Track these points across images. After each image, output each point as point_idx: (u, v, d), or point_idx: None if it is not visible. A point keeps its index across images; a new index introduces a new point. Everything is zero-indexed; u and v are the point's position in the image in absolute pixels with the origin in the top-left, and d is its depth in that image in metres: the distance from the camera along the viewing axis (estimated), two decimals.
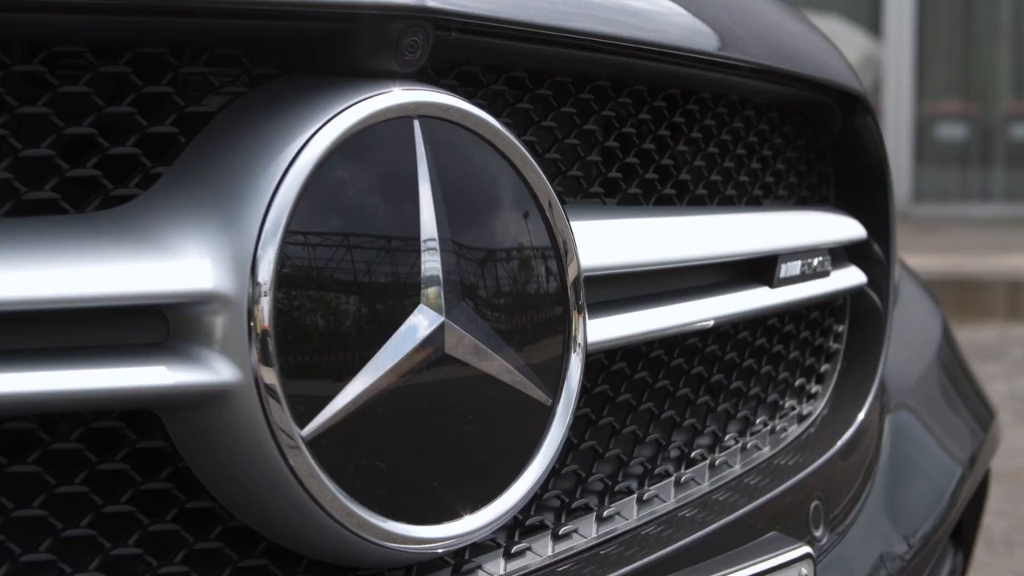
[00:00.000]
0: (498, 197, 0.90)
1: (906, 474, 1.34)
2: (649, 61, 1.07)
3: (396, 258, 0.84)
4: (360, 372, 0.81)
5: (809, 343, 1.29)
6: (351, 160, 0.83)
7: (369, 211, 0.83)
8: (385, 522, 0.83)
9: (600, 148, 1.06)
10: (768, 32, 1.20)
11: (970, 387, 1.67)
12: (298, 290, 0.79)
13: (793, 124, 1.30)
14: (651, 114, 1.11)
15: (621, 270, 0.99)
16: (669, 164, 1.12)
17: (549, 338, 0.91)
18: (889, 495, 1.28)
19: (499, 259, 0.89)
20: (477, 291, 0.87)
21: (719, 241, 1.10)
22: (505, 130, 0.88)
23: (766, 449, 1.17)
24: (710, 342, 1.15)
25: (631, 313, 0.99)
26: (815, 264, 1.21)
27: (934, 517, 1.35)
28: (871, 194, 1.34)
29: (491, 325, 0.88)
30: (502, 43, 0.96)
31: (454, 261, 0.86)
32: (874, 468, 1.27)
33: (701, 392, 1.13)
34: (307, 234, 0.81)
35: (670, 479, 1.06)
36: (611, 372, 1.05)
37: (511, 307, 0.89)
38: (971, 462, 1.47)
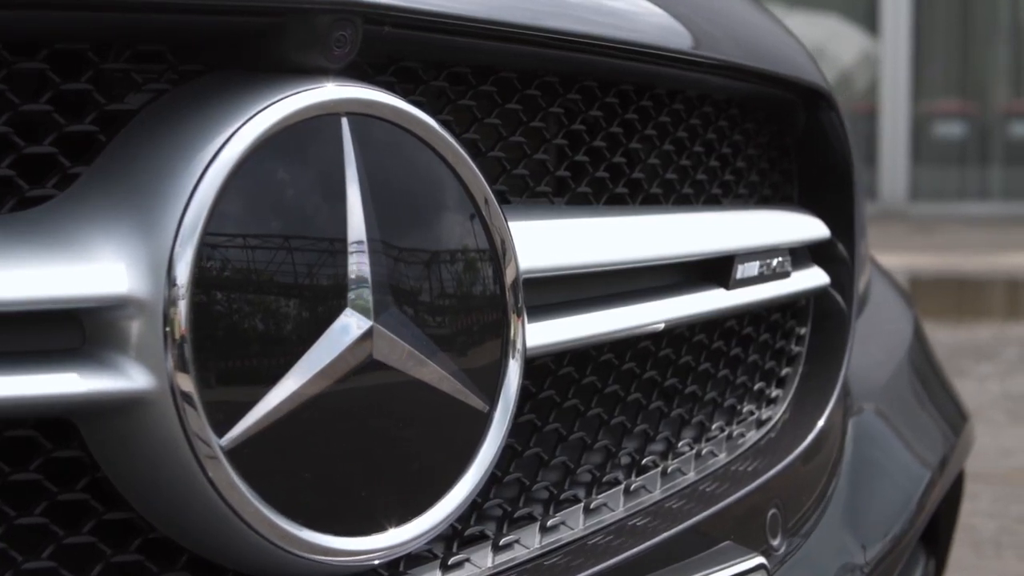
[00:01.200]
0: (432, 196, 0.87)
1: (871, 479, 1.32)
2: (599, 56, 1.04)
3: (322, 260, 0.81)
4: (283, 379, 0.79)
5: (769, 346, 1.26)
6: (276, 158, 0.80)
7: (295, 211, 0.80)
8: (311, 534, 0.80)
9: (548, 146, 1.03)
10: (727, 26, 1.17)
11: (942, 389, 1.64)
12: (217, 293, 0.77)
13: (755, 121, 1.27)
14: (602, 111, 1.08)
15: (564, 272, 0.96)
16: (622, 162, 1.10)
17: (486, 343, 0.89)
18: (852, 501, 1.26)
19: (433, 261, 0.86)
20: (409, 294, 0.84)
21: (671, 241, 1.07)
22: (439, 127, 0.86)
23: (722, 455, 1.14)
24: (664, 345, 1.12)
25: (575, 316, 0.96)
26: (774, 265, 1.18)
27: (900, 522, 1.32)
28: (836, 192, 1.31)
29: (424, 329, 0.85)
30: (442, 38, 0.93)
31: (384, 263, 0.83)
32: (836, 474, 1.25)
33: (654, 397, 1.10)
34: (228, 235, 0.78)
35: (619, 487, 1.04)
36: (558, 376, 1.02)
37: (445, 311, 0.86)
38: (941, 465, 1.44)
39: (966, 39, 17.50)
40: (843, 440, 1.28)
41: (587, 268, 0.98)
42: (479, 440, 0.88)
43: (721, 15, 1.18)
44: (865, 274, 1.61)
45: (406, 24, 0.88)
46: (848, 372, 1.32)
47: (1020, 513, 3.82)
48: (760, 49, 1.21)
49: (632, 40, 1.05)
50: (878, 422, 1.41)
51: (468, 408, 0.88)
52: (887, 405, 1.45)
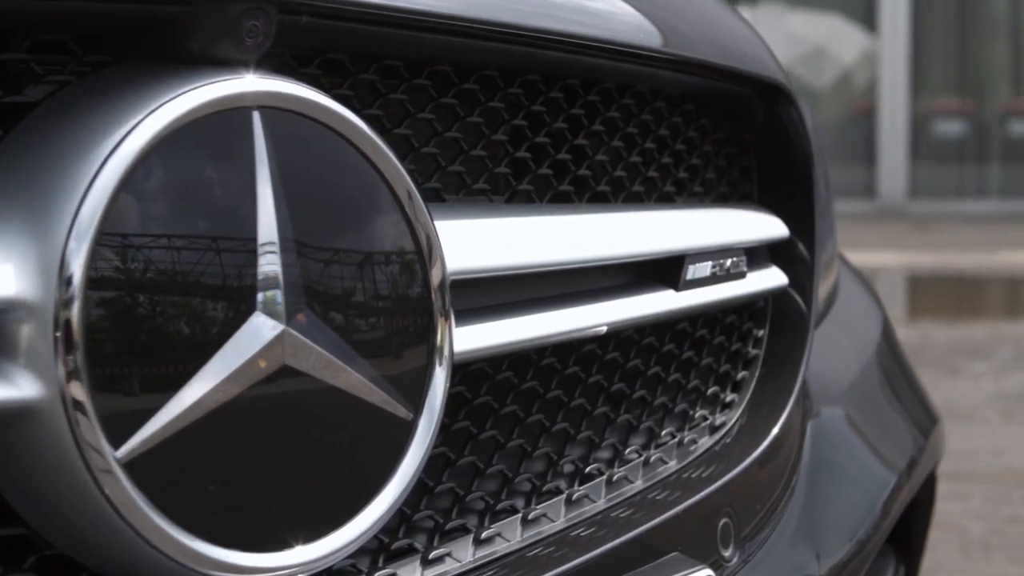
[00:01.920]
0: (351, 193, 0.83)
1: (832, 484, 1.27)
2: (541, 49, 1.00)
3: (229, 261, 0.77)
4: (186, 386, 0.74)
5: (724, 349, 1.21)
6: (182, 153, 0.76)
7: (201, 209, 0.76)
8: (218, 551, 0.76)
9: (486, 142, 0.99)
10: (677, 17, 1.13)
11: (911, 391, 1.60)
12: (114, 296, 0.72)
13: (711, 116, 1.23)
14: (546, 106, 1.04)
15: (498, 273, 0.92)
16: (566, 159, 1.06)
17: (410, 348, 0.84)
18: (811, 507, 1.22)
19: (351, 261, 0.82)
20: (325, 297, 0.80)
21: (616, 241, 1.03)
22: (358, 121, 0.81)
23: (672, 463, 1.10)
24: (611, 348, 1.08)
25: (509, 320, 0.92)
26: (728, 265, 1.14)
27: (864, 527, 1.28)
28: (796, 190, 1.27)
29: (342, 334, 0.81)
30: (371, 29, 0.89)
31: (298, 264, 0.79)
32: (793, 480, 1.20)
33: (599, 402, 1.06)
34: (127, 233, 0.74)
35: (560, 496, 0.99)
36: (496, 382, 0.98)
37: (365, 314, 0.82)
38: (909, 469, 1.40)
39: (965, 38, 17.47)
40: (801, 445, 1.24)
41: (523, 269, 0.93)
42: (403, 450, 0.84)
43: (670, 5, 1.14)
44: (832, 273, 1.57)
45: (327, 14, 0.84)
46: (809, 374, 1.28)
47: (1011, 514, 3.78)
48: (714, 42, 1.16)
49: (575, 32, 1.01)
50: (841, 425, 1.37)
51: (391, 416, 0.83)
52: (851, 407, 1.41)
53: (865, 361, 1.50)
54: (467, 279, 0.90)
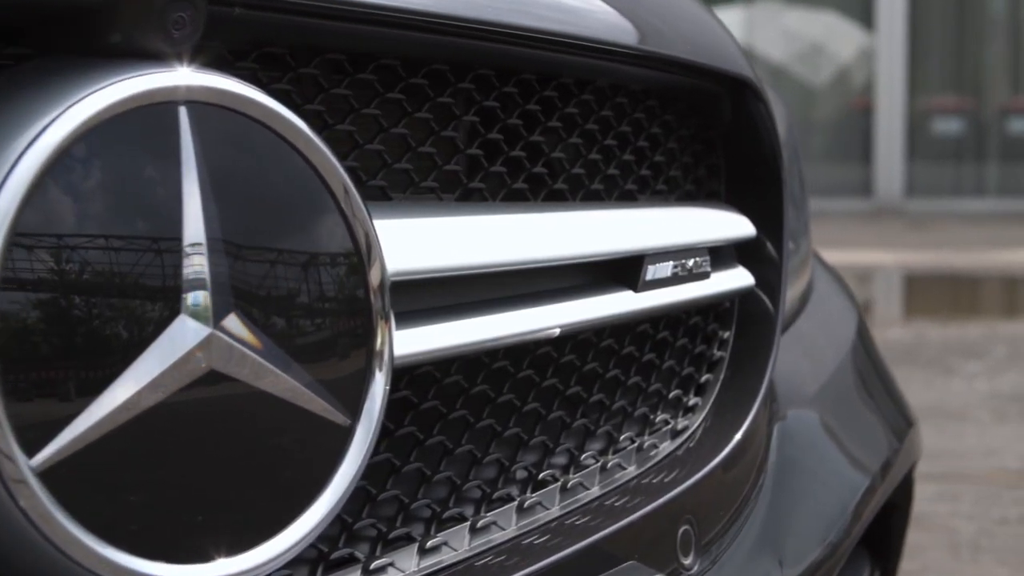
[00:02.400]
0: (285, 192, 0.80)
1: (800, 488, 1.24)
2: (494, 43, 0.97)
3: (153, 261, 0.74)
4: (105, 392, 0.71)
5: (688, 351, 1.18)
6: (102, 149, 0.73)
7: (122, 208, 0.73)
8: (142, 563, 0.73)
9: (436, 138, 0.96)
10: (638, 10, 1.10)
11: (886, 393, 1.57)
12: (28, 297, 0.69)
13: (676, 113, 1.20)
14: (500, 101, 1.01)
15: (444, 273, 0.89)
16: (521, 156, 1.03)
17: (348, 352, 0.81)
18: (778, 512, 1.19)
19: (285, 261, 0.79)
20: (257, 299, 0.77)
21: (570, 241, 1.00)
22: (292, 116, 0.78)
23: (631, 468, 1.07)
24: (567, 351, 1.05)
25: (455, 322, 0.89)
26: (691, 266, 1.11)
27: (834, 531, 1.25)
28: (764, 188, 1.24)
29: (274, 338, 0.78)
30: (312, 22, 0.86)
31: (227, 264, 0.76)
32: (758, 485, 1.17)
33: (555, 407, 1.03)
34: (43, 234, 0.70)
35: (512, 504, 0.96)
36: (444, 386, 0.95)
37: (300, 317, 0.79)
38: (882, 471, 1.37)
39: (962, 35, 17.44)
40: (767, 448, 1.21)
41: (469, 270, 0.90)
42: (339, 457, 0.81)
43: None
44: (806, 272, 1.54)
45: (262, 6, 0.81)
46: (779, 376, 1.26)
47: (1001, 515, 3.75)
48: (678, 35, 1.13)
49: (530, 26, 0.98)
50: (811, 427, 1.34)
51: (327, 423, 0.80)
52: (823, 409, 1.38)
53: (838, 362, 1.47)
54: (410, 280, 0.87)
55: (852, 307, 1.62)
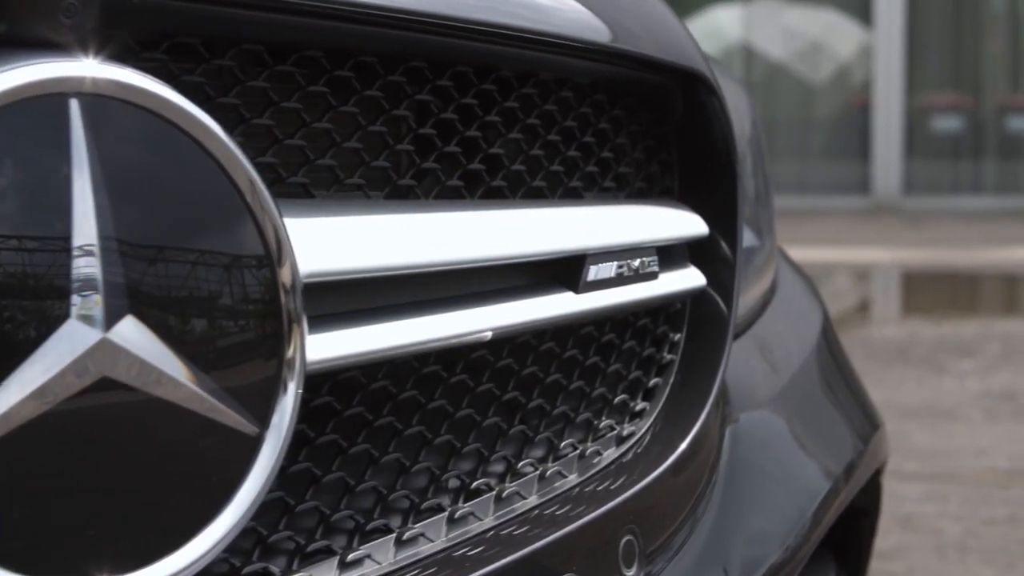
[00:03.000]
0: (186, 189, 0.76)
1: (754, 493, 1.20)
2: (427, 34, 0.93)
3: (40, 262, 0.70)
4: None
5: (636, 354, 1.14)
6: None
7: (6, 205, 0.69)
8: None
9: (363, 133, 0.92)
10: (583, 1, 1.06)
11: (851, 394, 1.53)
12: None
13: (625, 107, 1.16)
14: (434, 95, 0.97)
15: (364, 275, 0.85)
16: (456, 152, 0.99)
17: (256, 357, 0.77)
18: (730, 518, 1.15)
19: (188, 262, 0.75)
20: (155, 302, 0.73)
21: (504, 241, 0.95)
22: (193, 109, 0.74)
23: (572, 476, 1.03)
24: (505, 355, 1.01)
25: (376, 325, 0.85)
26: (637, 266, 1.07)
27: (791, 537, 1.21)
28: (717, 185, 1.20)
29: (175, 343, 0.74)
30: (226, 11, 0.82)
31: (121, 265, 0.72)
32: (708, 492, 1.13)
33: (490, 412, 0.99)
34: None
35: (442, 514, 0.93)
36: (370, 392, 0.91)
37: (204, 321, 0.75)
38: (845, 475, 1.33)
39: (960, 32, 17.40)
40: (719, 453, 1.17)
41: (393, 270, 0.86)
42: (246, 468, 0.77)
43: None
44: (770, 271, 1.50)
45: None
46: (736, 378, 1.22)
47: (989, 515, 3.71)
48: (626, 27, 1.09)
49: (465, 16, 0.94)
50: (769, 430, 1.30)
51: (233, 432, 0.77)
52: (782, 411, 1.34)
53: (800, 363, 1.43)
54: (328, 282, 0.83)
55: (817, 306, 1.58)
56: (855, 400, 1.52)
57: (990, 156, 17.27)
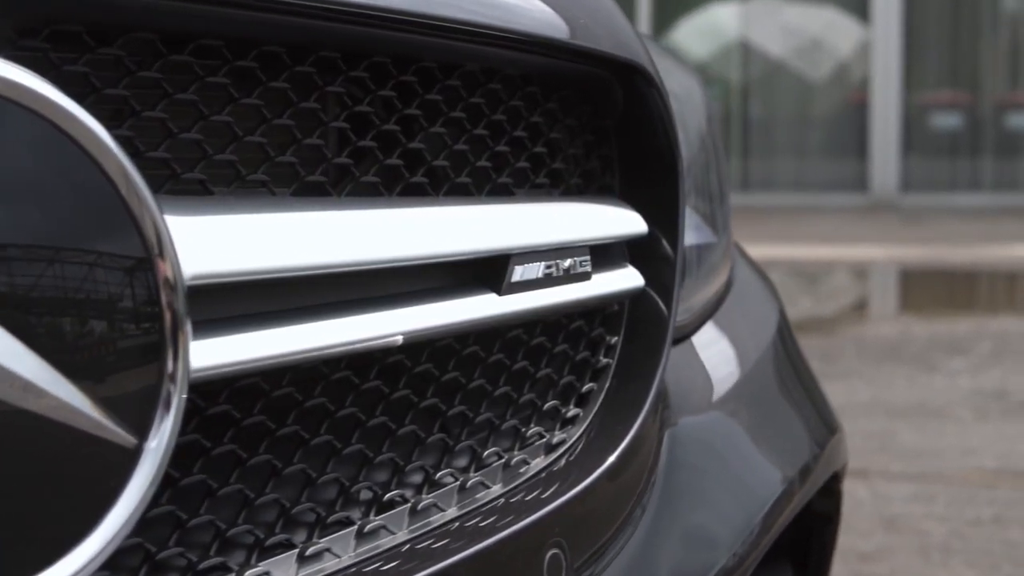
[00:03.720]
0: (57, 185, 0.71)
1: (698, 499, 1.16)
2: (339, 22, 0.89)
3: None
4: None
5: (569, 358, 1.10)
6: None
7: None
8: None
9: (268, 127, 0.88)
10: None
11: (807, 396, 1.48)
12: None
13: (561, 100, 1.11)
14: (347, 86, 0.93)
15: (261, 276, 0.80)
16: (372, 146, 0.94)
17: (135, 365, 0.73)
18: (670, 527, 1.10)
19: (58, 263, 0.70)
20: (23, 307, 0.69)
21: (421, 240, 0.91)
22: (60, 98, 0.70)
23: (495, 487, 0.98)
24: (424, 359, 0.96)
25: (273, 330, 0.80)
26: (567, 266, 1.03)
27: (737, 544, 1.16)
28: (658, 182, 1.15)
29: (43, 351, 0.69)
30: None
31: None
32: (643, 501, 1.09)
33: (407, 420, 0.94)
34: None
35: (351, 528, 0.88)
36: (273, 399, 0.86)
37: (76, 326, 0.70)
38: (800, 479, 1.28)
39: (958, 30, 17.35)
40: (656, 460, 1.12)
41: (293, 272, 0.82)
42: (123, 482, 0.72)
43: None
44: (725, 269, 1.46)
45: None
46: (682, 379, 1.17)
47: (975, 516, 3.67)
48: (555, 15, 1.04)
49: (382, 5, 0.90)
50: (715, 434, 1.25)
51: (108, 444, 0.72)
52: (730, 414, 1.29)
53: (752, 363, 1.38)
54: (218, 284, 0.78)
55: (774, 306, 1.53)
56: (811, 403, 1.47)
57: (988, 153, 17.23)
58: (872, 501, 3.83)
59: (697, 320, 1.36)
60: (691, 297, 1.38)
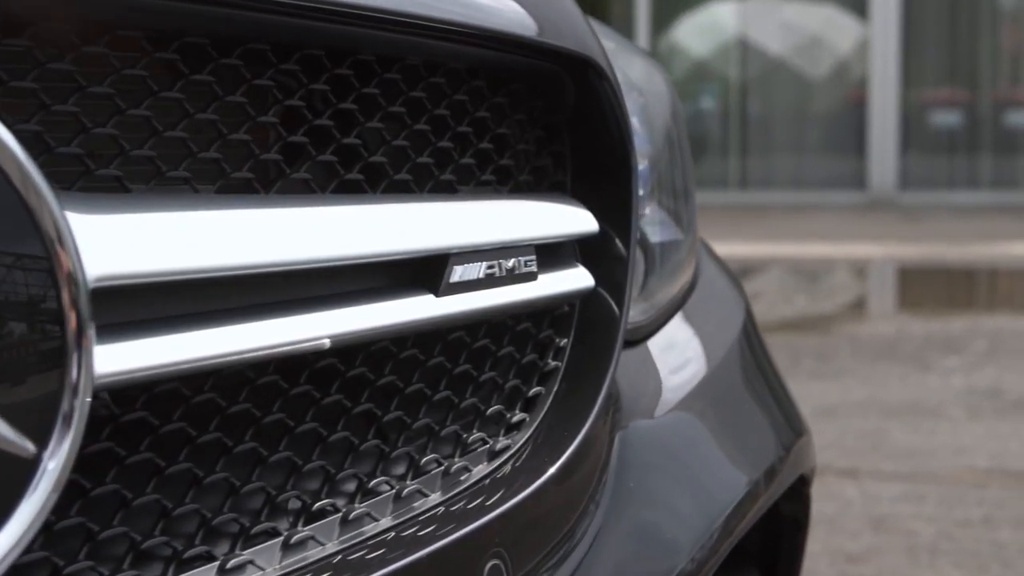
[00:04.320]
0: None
1: (653, 504, 1.12)
2: (271, 14, 0.86)
3: None
4: None
5: (515, 361, 1.06)
6: None
7: None
8: None
9: (189, 122, 0.84)
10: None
11: (772, 398, 1.44)
12: None
13: (509, 95, 1.08)
14: (277, 79, 0.89)
15: (176, 277, 0.76)
16: (304, 142, 0.91)
17: (35, 370, 0.69)
18: (622, 533, 1.06)
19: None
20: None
21: (350, 239, 0.87)
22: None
23: (434, 495, 0.95)
24: (358, 363, 0.93)
25: (188, 333, 0.77)
26: (511, 266, 0.99)
27: (695, 550, 1.13)
28: (612, 178, 1.12)
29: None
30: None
31: None
32: (592, 508, 1.05)
33: (339, 427, 0.91)
34: None
35: (278, 539, 0.84)
36: (193, 406, 0.83)
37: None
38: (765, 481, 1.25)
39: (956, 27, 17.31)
40: (605, 465, 1.09)
41: (210, 273, 0.78)
42: (21, 492, 0.69)
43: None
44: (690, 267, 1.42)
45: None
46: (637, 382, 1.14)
47: (964, 516, 3.63)
48: (501, 7, 1.01)
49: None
50: (670, 437, 1.22)
51: (6, 455, 0.68)
52: (688, 416, 1.25)
53: (715, 363, 1.34)
54: (128, 285, 0.74)
55: (740, 304, 1.50)
56: (777, 405, 1.44)
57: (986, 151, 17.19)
58: (862, 501, 3.80)
59: (660, 319, 1.33)
60: (654, 295, 1.35)
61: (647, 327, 1.30)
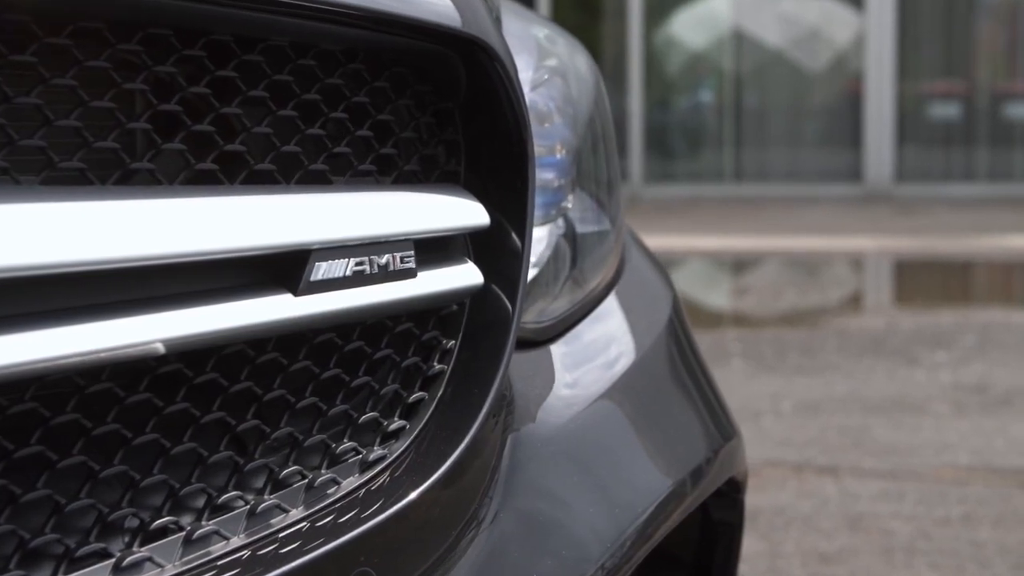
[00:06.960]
0: None
1: (553, 512, 1.05)
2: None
3: None
4: None
5: (395, 364, 0.99)
6: None
7: None
8: None
9: (7, 108, 0.77)
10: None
11: (700, 398, 1.37)
12: None
13: (392, 79, 1.01)
14: (113, 61, 0.82)
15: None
16: (147, 128, 0.83)
17: None
18: (515, 542, 0.99)
19: None
20: None
21: (193, 235, 0.80)
22: None
23: (295, 511, 0.87)
24: (210, 368, 0.85)
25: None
26: (384, 262, 0.92)
27: (606, 557, 1.06)
28: (507, 168, 1.05)
29: None
30: None
31: None
32: (478, 518, 0.98)
33: (185, 437, 0.84)
34: None
35: (109, 561, 0.77)
36: (8, 417, 0.76)
37: None
38: (692, 483, 1.18)
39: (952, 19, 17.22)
40: (494, 473, 1.02)
41: (29, 270, 0.71)
42: None
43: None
44: (615, 258, 1.35)
45: None
46: (542, 382, 1.06)
47: (943, 515, 3.56)
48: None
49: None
50: (576, 440, 1.14)
51: None
52: (599, 418, 1.18)
53: (639, 358, 1.27)
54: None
55: (667, 298, 1.42)
56: (705, 404, 1.37)
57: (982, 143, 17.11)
58: (839, 499, 3.73)
59: (577, 313, 1.26)
60: (574, 289, 1.28)
61: (563, 322, 1.23)
